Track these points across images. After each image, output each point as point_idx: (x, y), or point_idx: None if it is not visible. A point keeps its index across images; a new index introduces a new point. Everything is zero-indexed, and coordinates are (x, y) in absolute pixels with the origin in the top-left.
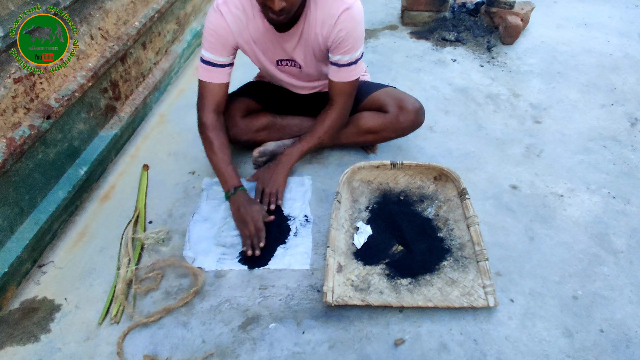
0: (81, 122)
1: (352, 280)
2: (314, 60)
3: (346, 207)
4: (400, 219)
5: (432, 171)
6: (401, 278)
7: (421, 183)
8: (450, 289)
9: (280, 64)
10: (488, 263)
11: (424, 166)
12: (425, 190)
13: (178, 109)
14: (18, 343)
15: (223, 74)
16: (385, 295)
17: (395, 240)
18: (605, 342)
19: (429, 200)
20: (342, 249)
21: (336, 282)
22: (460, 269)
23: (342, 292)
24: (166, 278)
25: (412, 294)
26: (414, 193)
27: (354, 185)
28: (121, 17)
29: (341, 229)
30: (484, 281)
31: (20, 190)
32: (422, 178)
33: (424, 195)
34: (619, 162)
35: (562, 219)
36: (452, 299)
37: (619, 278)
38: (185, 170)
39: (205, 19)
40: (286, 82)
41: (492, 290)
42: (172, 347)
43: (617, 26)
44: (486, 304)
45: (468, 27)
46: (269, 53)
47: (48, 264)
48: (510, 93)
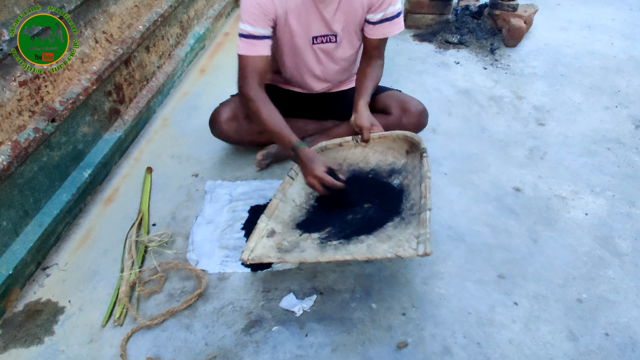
0: (85, 125)
1: (282, 245)
2: (351, 28)
3: (304, 185)
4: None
5: (403, 144)
6: (334, 240)
7: (393, 159)
8: (381, 244)
9: (316, 42)
10: (429, 213)
11: (389, 137)
12: (397, 165)
13: (181, 112)
14: (22, 345)
15: (264, 46)
16: (304, 254)
17: (349, 212)
18: (611, 346)
19: (397, 174)
20: (284, 220)
21: (261, 245)
22: (402, 227)
23: (262, 253)
24: (169, 281)
25: (335, 251)
26: (385, 170)
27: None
28: (125, 20)
29: (290, 202)
30: (419, 231)
31: (24, 193)
32: (394, 154)
33: (393, 170)
34: (623, 165)
35: (566, 222)
36: (377, 252)
37: (624, 281)
38: (189, 173)
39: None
40: (311, 69)
41: (426, 239)
42: (175, 349)
43: (621, 28)
44: (415, 254)
45: (471, 30)
46: (306, 27)
47: (52, 266)
48: (514, 95)
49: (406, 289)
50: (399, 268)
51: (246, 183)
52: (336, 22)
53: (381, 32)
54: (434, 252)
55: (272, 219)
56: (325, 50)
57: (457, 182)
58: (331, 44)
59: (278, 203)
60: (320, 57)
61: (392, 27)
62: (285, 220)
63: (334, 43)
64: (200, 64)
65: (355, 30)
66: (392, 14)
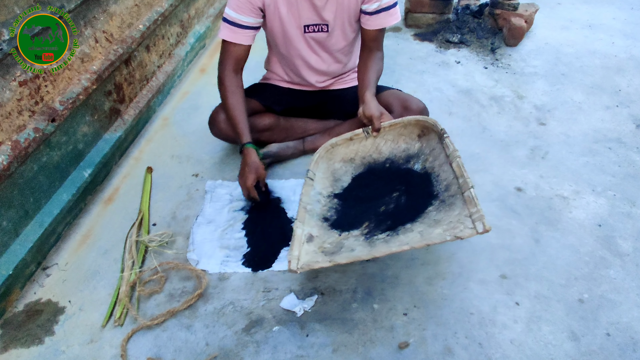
0: (85, 125)
1: (324, 248)
2: (344, 17)
3: (325, 185)
4: (383, 183)
5: (414, 128)
6: (380, 233)
7: (406, 145)
8: (433, 229)
9: (308, 30)
10: (473, 190)
11: (399, 124)
12: (412, 150)
13: (181, 112)
14: (22, 345)
15: (246, 36)
16: (356, 252)
17: (380, 204)
18: (612, 346)
19: (416, 158)
20: (317, 223)
21: (304, 251)
22: (445, 209)
23: (309, 259)
24: (170, 281)
25: (387, 244)
26: (400, 157)
27: (335, 167)
28: (125, 20)
29: (316, 204)
30: (470, 210)
31: (24, 193)
32: (406, 140)
33: (410, 155)
34: (625, 164)
35: (567, 222)
36: (433, 237)
37: (626, 281)
38: (189, 173)
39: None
40: (306, 60)
41: (480, 216)
42: (175, 349)
43: (621, 27)
44: (474, 232)
45: (472, 29)
46: (296, 15)
47: (52, 266)
48: (515, 95)
49: (408, 289)
50: (402, 268)
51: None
52: (327, 11)
53: (378, 23)
54: (436, 250)
55: (305, 224)
56: (317, 39)
57: None
58: (323, 33)
59: (306, 207)
60: (313, 46)
61: (389, 17)
62: (318, 223)
63: (326, 32)
64: (201, 64)
65: (349, 21)
66: (388, 3)
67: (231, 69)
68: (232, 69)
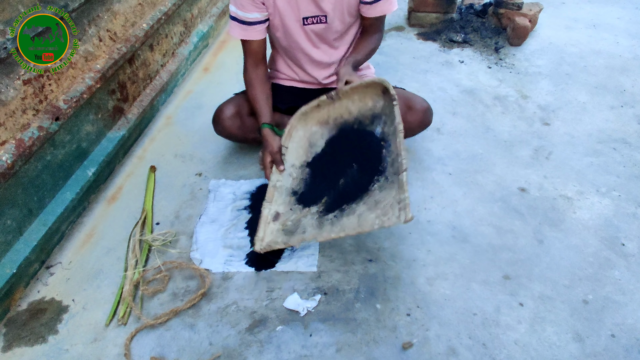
0: (89, 124)
1: (286, 226)
2: (343, 7)
3: (299, 154)
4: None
5: (376, 86)
6: (329, 212)
7: (372, 103)
8: (370, 212)
9: (307, 22)
10: (406, 175)
11: (361, 85)
12: (377, 108)
13: (185, 111)
14: (26, 344)
15: (256, 31)
16: (306, 234)
17: (339, 176)
18: (617, 348)
19: (378, 119)
20: (284, 199)
21: (269, 231)
22: (386, 189)
23: (272, 239)
24: (173, 280)
25: (332, 226)
26: (367, 116)
27: (312, 131)
28: (129, 19)
29: (287, 178)
30: (400, 196)
31: (28, 192)
32: (372, 96)
33: (375, 115)
34: (629, 165)
35: (571, 222)
36: (367, 223)
37: (631, 282)
38: (192, 172)
39: None
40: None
41: (406, 205)
42: (179, 349)
43: (626, 27)
44: (398, 222)
45: (475, 29)
46: (295, 7)
47: (56, 265)
48: (519, 94)
49: (411, 290)
50: (403, 268)
51: (250, 182)
52: (326, 1)
53: (378, 11)
54: (438, 251)
55: (273, 203)
56: (316, 31)
57: (461, 182)
58: (322, 24)
59: (275, 185)
60: (313, 39)
61: (388, 5)
62: (286, 199)
63: (325, 23)
64: (204, 63)
65: (349, 10)
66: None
67: (251, 62)
68: (252, 63)
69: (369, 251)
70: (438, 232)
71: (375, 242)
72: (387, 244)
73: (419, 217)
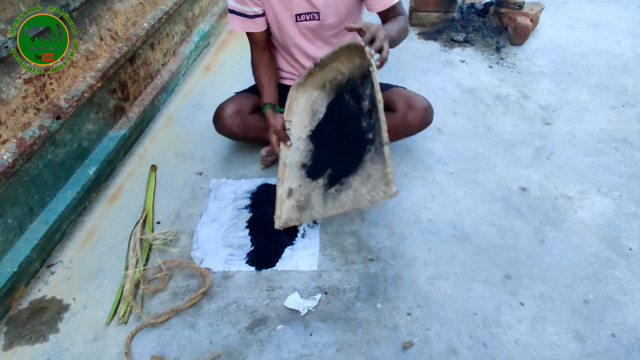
0: (90, 123)
1: (299, 201)
2: (338, 2)
3: (303, 124)
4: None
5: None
6: (332, 186)
7: (360, 60)
8: (363, 186)
9: (299, 19)
10: (388, 147)
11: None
12: (364, 66)
13: (185, 110)
14: (27, 343)
15: (256, 24)
16: (314, 211)
17: (340, 145)
18: (617, 347)
19: (367, 79)
20: (295, 175)
21: (285, 208)
22: (376, 160)
23: (288, 216)
24: (174, 279)
25: (334, 201)
26: (357, 76)
27: (313, 97)
28: (130, 18)
29: (295, 152)
30: (386, 170)
31: (29, 190)
32: (358, 54)
33: (364, 74)
34: (631, 164)
35: (572, 222)
36: (361, 199)
37: (631, 282)
38: (193, 171)
39: None
40: (301, 47)
41: (390, 179)
42: (179, 348)
43: (628, 27)
44: (385, 197)
45: (477, 28)
46: (287, 5)
47: (57, 263)
48: (520, 94)
49: (411, 289)
50: (404, 268)
51: (251, 181)
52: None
53: (383, 3)
54: (439, 251)
55: (285, 180)
56: (310, 27)
57: (462, 182)
58: (315, 21)
59: (285, 162)
60: (307, 34)
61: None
62: (297, 173)
63: (317, 20)
64: (205, 62)
65: (345, 5)
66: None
67: (257, 50)
68: (258, 50)
69: (369, 250)
70: (439, 231)
71: (376, 241)
72: (387, 243)
73: (420, 216)
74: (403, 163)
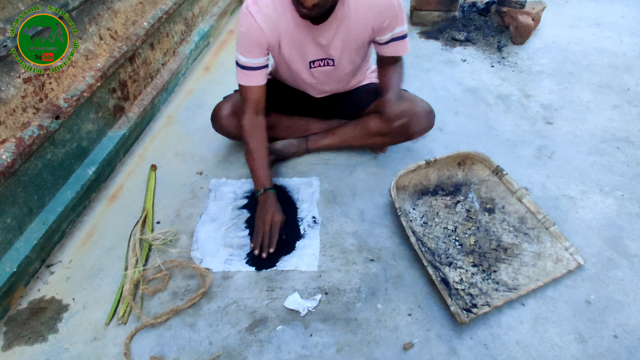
0: (90, 122)
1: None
2: (351, 50)
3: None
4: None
5: (455, 158)
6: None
7: (449, 173)
8: (542, 262)
9: (313, 66)
10: (557, 227)
11: (451, 157)
12: (456, 178)
13: (186, 110)
14: (26, 343)
15: (259, 76)
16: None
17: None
18: (620, 348)
19: (465, 187)
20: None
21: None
22: (535, 241)
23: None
24: (173, 279)
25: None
26: (447, 184)
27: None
28: (130, 17)
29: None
30: (563, 244)
31: (29, 190)
32: (449, 167)
33: (457, 183)
34: (633, 164)
35: (574, 222)
36: (551, 270)
37: (634, 282)
38: (193, 171)
39: (238, 22)
40: (310, 84)
41: (576, 250)
42: (179, 348)
43: (630, 25)
44: (577, 264)
45: (478, 27)
46: (301, 53)
47: (56, 264)
48: (521, 93)
49: (412, 289)
50: (405, 268)
51: (251, 181)
52: (333, 48)
53: (393, 50)
54: None
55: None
56: (323, 72)
57: None
58: (329, 67)
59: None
60: (319, 77)
61: (401, 47)
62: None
63: (332, 66)
64: (205, 62)
65: (357, 51)
66: (400, 34)
67: (251, 111)
68: (252, 112)
69: (370, 250)
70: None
71: (377, 241)
72: (388, 243)
73: None
74: (404, 163)
